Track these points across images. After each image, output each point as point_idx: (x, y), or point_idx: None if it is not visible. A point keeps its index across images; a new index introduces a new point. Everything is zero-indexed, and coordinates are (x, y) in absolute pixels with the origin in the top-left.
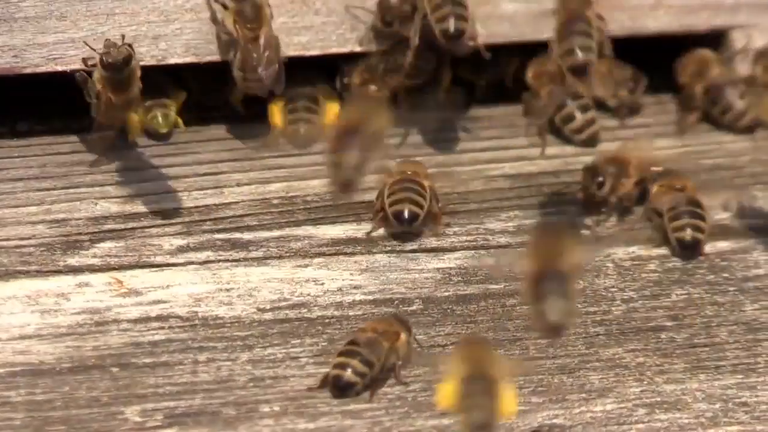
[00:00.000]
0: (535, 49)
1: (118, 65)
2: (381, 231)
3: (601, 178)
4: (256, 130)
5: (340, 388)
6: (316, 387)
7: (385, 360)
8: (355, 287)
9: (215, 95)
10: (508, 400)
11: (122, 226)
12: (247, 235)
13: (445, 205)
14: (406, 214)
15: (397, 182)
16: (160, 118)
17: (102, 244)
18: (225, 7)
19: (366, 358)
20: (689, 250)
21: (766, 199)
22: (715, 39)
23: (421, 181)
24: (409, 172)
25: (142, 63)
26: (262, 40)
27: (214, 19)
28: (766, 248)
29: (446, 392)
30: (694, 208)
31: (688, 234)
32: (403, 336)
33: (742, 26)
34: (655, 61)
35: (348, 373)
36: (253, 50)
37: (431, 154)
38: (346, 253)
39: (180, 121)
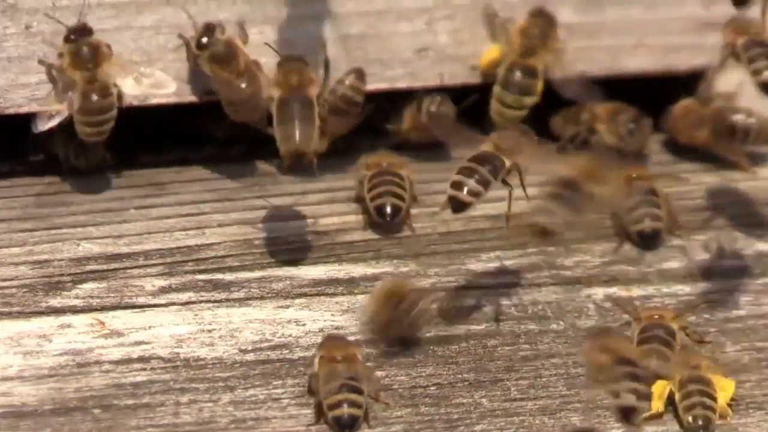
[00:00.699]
0: None
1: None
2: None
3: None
4: (238, 171)
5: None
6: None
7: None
8: (337, 328)
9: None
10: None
11: (104, 267)
12: (228, 276)
13: (427, 244)
14: (388, 208)
15: (376, 175)
16: None
17: (84, 285)
18: (199, 48)
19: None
20: (649, 241)
21: (747, 240)
22: (695, 79)
23: (399, 173)
24: (385, 164)
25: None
26: (239, 66)
27: (195, 64)
28: (746, 289)
29: None
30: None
31: (647, 225)
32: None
33: (723, 67)
34: (634, 97)
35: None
36: (233, 81)
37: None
38: (327, 294)
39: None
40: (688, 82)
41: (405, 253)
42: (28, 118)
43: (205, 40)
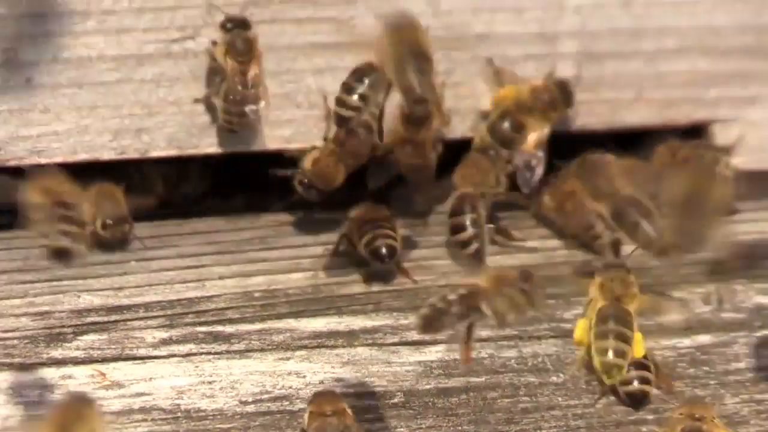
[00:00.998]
0: None
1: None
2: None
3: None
4: (239, 224)
5: None
6: None
7: None
8: (337, 380)
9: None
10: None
11: (105, 319)
12: (229, 328)
13: (427, 297)
14: (384, 249)
15: (364, 224)
16: None
17: (85, 337)
18: (214, 43)
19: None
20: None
21: (746, 292)
22: (696, 132)
23: (386, 215)
24: (372, 213)
25: (124, 156)
26: (250, 75)
27: (209, 54)
28: (746, 342)
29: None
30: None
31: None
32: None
33: (724, 120)
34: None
35: None
36: (239, 83)
37: (413, 248)
38: (327, 346)
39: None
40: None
41: (405, 306)
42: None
43: (230, 24)
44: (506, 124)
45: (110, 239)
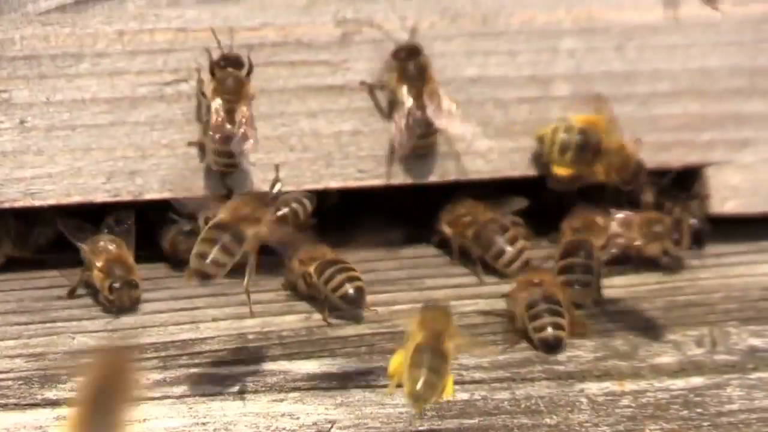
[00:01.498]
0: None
1: None
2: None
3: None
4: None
5: None
6: None
7: None
8: (331, 422)
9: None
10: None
11: None
12: (223, 370)
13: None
14: (351, 291)
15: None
16: None
17: (79, 378)
18: (201, 81)
19: None
20: (552, 349)
21: (739, 335)
22: (689, 176)
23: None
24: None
25: (118, 199)
26: (238, 114)
27: (199, 90)
28: (739, 384)
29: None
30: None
31: (549, 333)
32: None
33: (717, 163)
34: None
35: None
36: (227, 121)
37: (404, 290)
38: (321, 388)
39: None
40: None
41: (398, 348)
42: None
43: (223, 62)
44: None
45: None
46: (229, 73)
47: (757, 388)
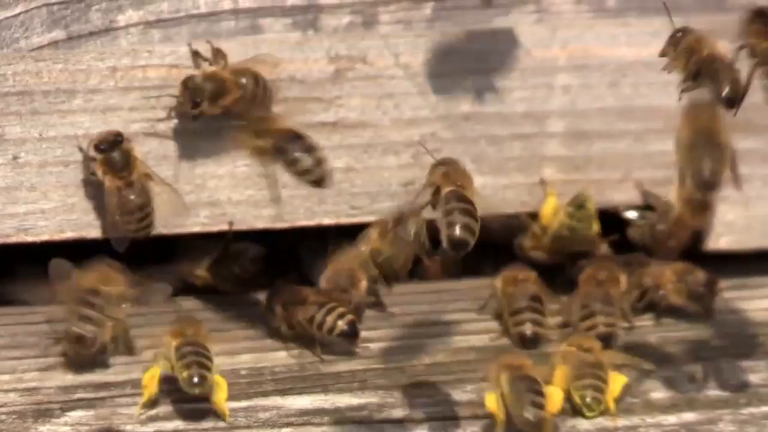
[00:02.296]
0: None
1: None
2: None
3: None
4: (225, 302)
5: None
6: None
7: None
8: None
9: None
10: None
11: (92, 396)
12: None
13: (413, 375)
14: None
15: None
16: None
17: (73, 413)
18: (92, 159)
19: None
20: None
21: (732, 371)
22: None
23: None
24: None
25: None
26: (134, 186)
27: (90, 173)
28: (732, 419)
29: None
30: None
31: (528, 328)
32: None
33: None
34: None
35: None
36: (127, 194)
37: (399, 326)
38: (313, 423)
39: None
40: None
41: (391, 384)
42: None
43: (103, 146)
44: None
45: None
46: (113, 151)
47: (750, 423)
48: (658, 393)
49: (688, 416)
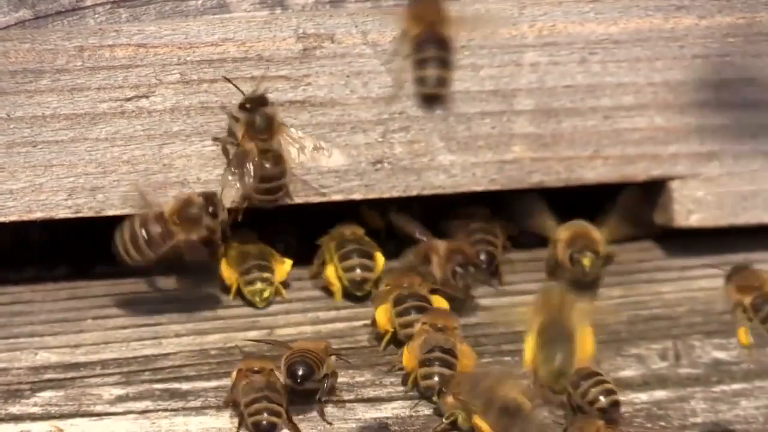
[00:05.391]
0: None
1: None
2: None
3: None
4: (195, 282)
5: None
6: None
7: None
8: None
9: None
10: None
11: (62, 376)
12: (185, 385)
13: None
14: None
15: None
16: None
17: (42, 393)
18: (236, 119)
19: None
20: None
21: (703, 348)
22: (654, 188)
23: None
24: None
25: (80, 215)
26: (273, 152)
27: (229, 131)
28: (703, 397)
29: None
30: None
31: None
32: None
33: (681, 177)
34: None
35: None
36: (264, 161)
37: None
38: None
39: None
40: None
41: (361, 363)
42: None
43: (249, 105)
44: None
45: None
46: (257, 114)
47: (721, 401)
48: (629, 371)
49: (660, 394)
